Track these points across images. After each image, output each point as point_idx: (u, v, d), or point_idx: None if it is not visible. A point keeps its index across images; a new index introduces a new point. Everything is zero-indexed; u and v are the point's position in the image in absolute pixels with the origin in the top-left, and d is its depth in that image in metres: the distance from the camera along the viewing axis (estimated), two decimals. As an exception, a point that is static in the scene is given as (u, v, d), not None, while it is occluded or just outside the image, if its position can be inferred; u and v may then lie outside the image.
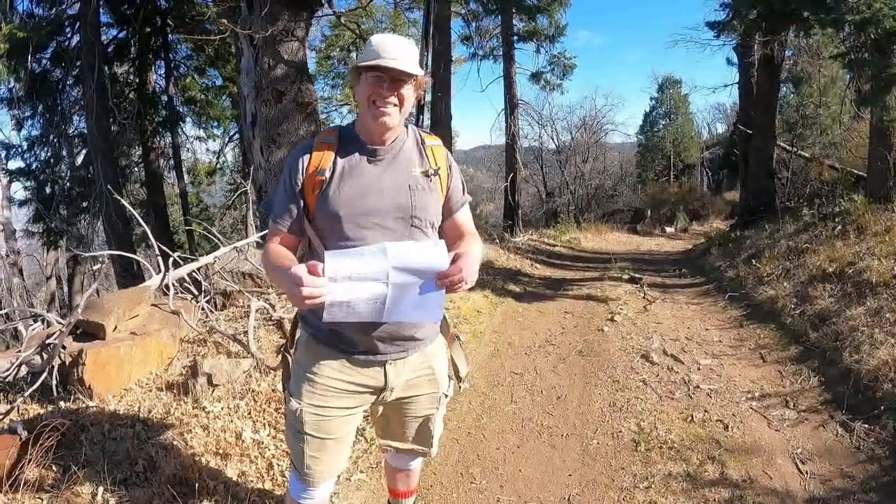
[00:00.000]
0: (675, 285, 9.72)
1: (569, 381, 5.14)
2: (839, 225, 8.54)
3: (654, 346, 6.05)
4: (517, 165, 18.88)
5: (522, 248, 13.22)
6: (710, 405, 4.52)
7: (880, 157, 9.09)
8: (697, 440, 3.91)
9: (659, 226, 22.81)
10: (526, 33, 19.14)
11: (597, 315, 7.44)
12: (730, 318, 7.25)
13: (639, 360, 5.62)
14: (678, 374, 5.22)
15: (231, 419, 3.69)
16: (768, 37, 11.66)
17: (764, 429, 4.07)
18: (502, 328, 6.85)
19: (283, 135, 8.81)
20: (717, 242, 12.86)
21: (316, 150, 1.92)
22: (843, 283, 6.59)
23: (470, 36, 19.46)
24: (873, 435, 3.82)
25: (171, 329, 4.69)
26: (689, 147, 35.85)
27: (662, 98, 36.42)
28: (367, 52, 1.83)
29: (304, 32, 9.09)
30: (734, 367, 5.41)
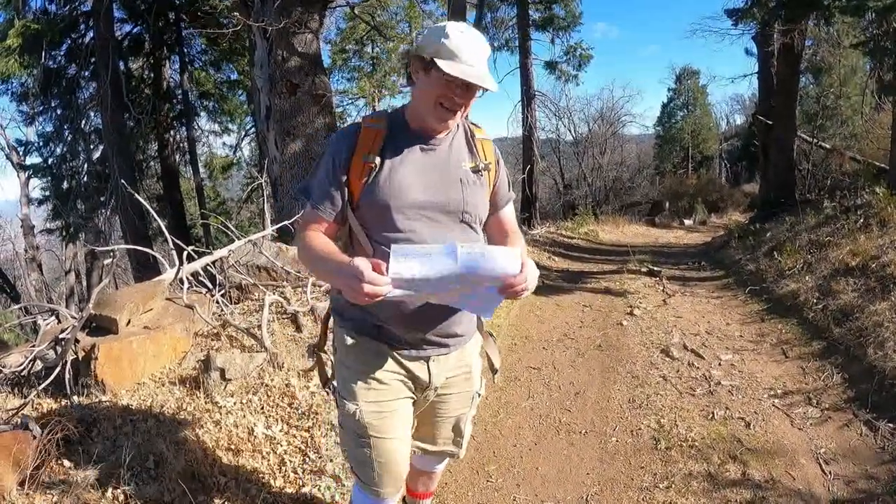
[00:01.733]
0: (694, 278, 9.59)
1: (587, 377, 5.06)
2: (861, 218, 8.38)
3: (674, 340, 5.95)
4: (534, 157, 18.78)
5: (540, 241, 13.13)
6: (732, 402, 4.43)
7: (903, 149, 8.89)
8: (719, 438, 3.83)
9: (677, 218, 22.62)
10: (542, 22, 19.01)
11: (615, 309, 7.35)
12: (750, 312, 7.12)
13: (658, 355, 5.53)
14: (699, 370, 5.13)
15: (244, 414, 3.68)
16: (788, 25, 11.45)
17: (787, 427, 3.97)
18: (519, 322, 6.78)
19: (297, 127, 8.82)
20: (736, 235, 12.69)
21: (363, 133, 1.80)
22: (867, 277, 6.45)
23: (486, 27, 19.37)
24: (899, 435, 3.70)
25: (185, 323, 4.70)
26: (707, 139, 35.52)
27: (680, 89, 36.09)
28: (442, 47, 1.68)
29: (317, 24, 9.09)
30: (756, 363, 5.30)
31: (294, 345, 4.80)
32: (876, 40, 9.10)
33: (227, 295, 5.95)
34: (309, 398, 3.98)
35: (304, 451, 3.47)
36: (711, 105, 38.49)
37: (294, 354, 4.56)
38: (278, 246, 6.75)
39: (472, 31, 1.73)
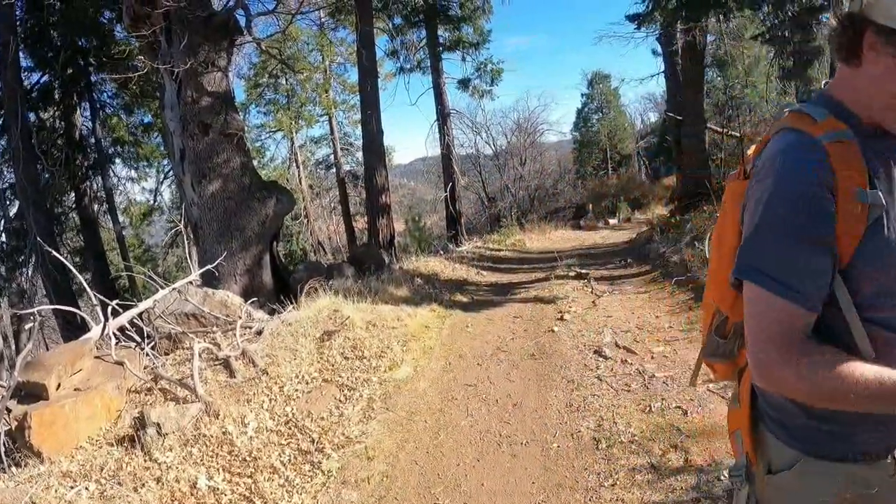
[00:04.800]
0: (622, 276, 9.85)
1: (523, 387, 5.10)
2: (774, 197, 8.82)
3: (606, 340, 6.08)
4: (455, 175, 19.02)
5: (467, 257, 13.20)
6: (668, 393, 4.54)
7: (808, 130, 9.45)
8: (658, 430, 3.91)
9: (602, 218, 23.27)
10: (451, 43, 19.44)
11: (546, 316, 7.45)
12: (678, 302, 7.35)
13: (592, 357, 5.63)
14: (632, 366, 5.24)
15: (184, 468, 3.61)
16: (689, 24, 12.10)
17: (723, 409, 4.08)
18: (452, 341, 6.78)
19: (213, 168, 8.73)
20: (659, 229, 13.18)
21: (834, 157, 1.11)
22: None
23: (396, 50, 19.65)
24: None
25: (117, 380, 4.58)
26: (623, 138, 36.98)
27: (593, 94, 37.42)
28: None
29: (225, 62, 9.08)
30: (688, 352, 5.45)
31: (228, 391, 4.69)
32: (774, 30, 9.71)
33: (156, 347, 5.82)
34: (248, 443, 3.92)
35: (250, 497, 3.42)
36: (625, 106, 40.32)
37: (229, 401, 4.45)
38: (204, 291, 6.66)
39: None
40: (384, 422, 4.58)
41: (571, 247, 15.74)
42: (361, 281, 9.24)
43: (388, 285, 8.86)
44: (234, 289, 8.29)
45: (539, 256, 13.91)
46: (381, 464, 3.94)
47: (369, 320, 6.58)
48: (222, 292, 6.89)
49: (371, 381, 5.25)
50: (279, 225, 9.87)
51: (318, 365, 5.36)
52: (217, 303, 6.42)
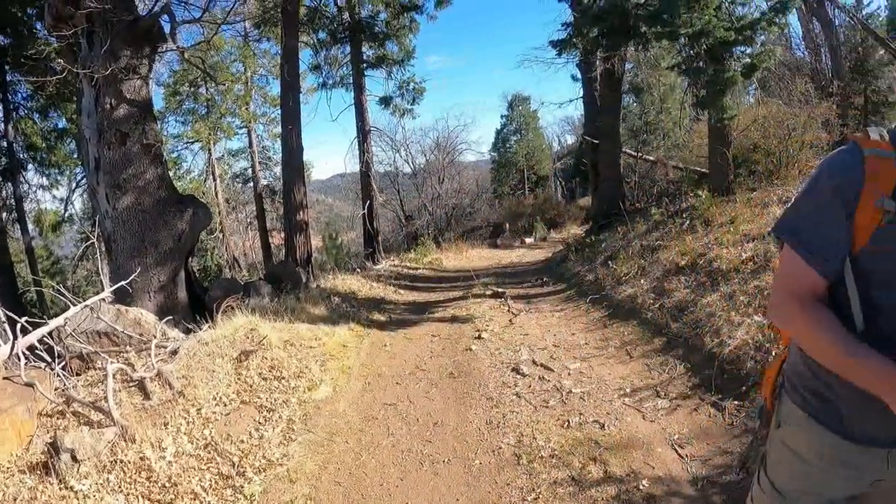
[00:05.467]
0: (538, 295, 10.07)
1: (443, 406, 5.12)
2: (687, 220, 9.31)
3: (524, 357, 6.19)
4: (373, 192, 18.98)
5: (385, 275, 13.16)
6: (585, 408, 4.66)
7: (720, 155, 10.09)
8: (577, 444, 4.01)
9: (518, 237, 23.69)
10: (375, 60, 19.42)
11: (464, 335, 7.51)
12: (593, 320, 7.60)
13: (510, 374, 5.71)
14: (550, 382, 5.36)
15: (101, 496, 3.46)
16: (609, 52, 12.63)
17: (640, 422, 4.26)
18: (371, 360, 6.73)
19: (129, 179, 8.42)
20: (574, 248, 13.54)
21: (873, 166, 1.37)
22: (697, 273, 7.13)
23: (319, 65, 19.46)
24: (744, 410, 4.13)
25: (27, 403, 4.25)
26: (541, 159, 38.00)
27: (513, 115, 38.29)
28: None
29: (147, 70, 8.83)
30: (603, 367, 5.65)
31: (144, 414, 4.45)
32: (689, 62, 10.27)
33: (67, 367, 5.42)
34: (167, 469, 3.77)
35: (173, 524, 3.24)
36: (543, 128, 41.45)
37: (145, 424, 4.23)
38: (117, 308, 6.31)
39: None
40: (305, 443, 4.49)
41: (488, 265, 15.97)
42: (278, 299, 9.06)
43: (305, 304, 8.72)
44: (148, 306, 7.94)
45: (456, 275, 14.02)
46: (304, 486, 3.86)
47: (287, 339, 6.44)
48: (136, 310, 6.58)
49: (290, 402, 5.14)
50: (195, 240, 9.56)
51: (236, 386, 5.18)
52: (131, 321, 6.13)
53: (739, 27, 9.11)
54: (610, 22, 10.15)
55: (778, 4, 9.61)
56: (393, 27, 18.50)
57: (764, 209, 8.01)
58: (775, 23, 9.58)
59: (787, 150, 9.71)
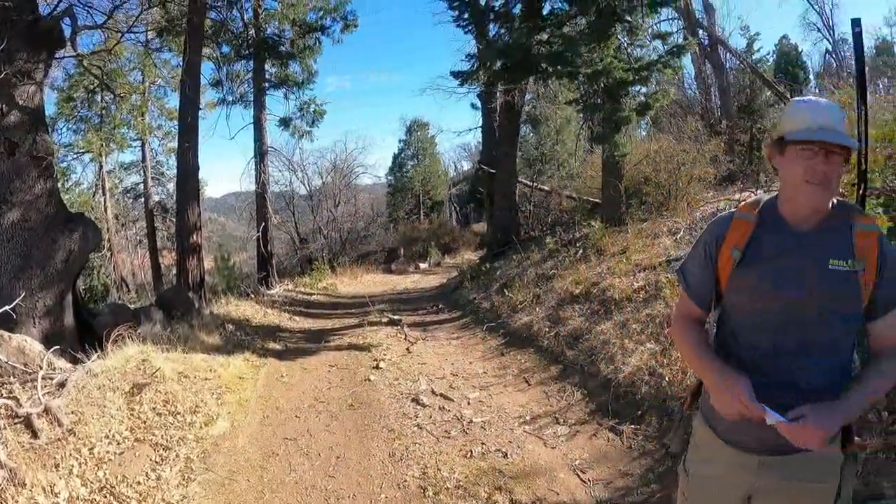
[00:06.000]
0: (434, 322, 10.12)
1: (345, 439, 5.01)
2: (581, 249, 9.68)
3: (423, 387, 6.18)
4: (268, 214, 18.46)
5: (279, 301, 12.82)
6: (487, 437, 4.71)
7: (612, 187, 10.61)
8: (482, 474, 4.03)
9: (413, 263, 23.76)
10: (278, 79, 19.07)
11: (362, 364, 7.41)
12: (490, 348, 7.73)
13: (410, 405, 5.68)
14: (450, 412, 5.37)
15: None
16: (510, 86, 13.03)
17: (541, 449, 4.34)
18: (268, 392, 6.50)
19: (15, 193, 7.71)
20: (469, 275, 13.71)
21: (734, 224, 1.86)
22: (591, 302, 7.41)
23: (220, 81, 18.81)
24: (640, 433, 4.32)
25: None
26: (437, 185, 38.43)
27: (411, 140, 38.62)
28: (790, 123, 1.75)
29: (43, 75, 8.21)
30: (502, 395, 5.73)
31: (33, 454, 4.05)
32: (587, 98, 10.78)
33: None
34: None
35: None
36: (440, 154, 42.02)
37: (35, 466, 3.86)
38: None
39: (814, 98, 1.81)
40: (205, 483, 4.25)
41: (383, 291, 15.91)
42: (171, 327, 8.58)
43: (199, 332, 8.33)
44: (33, 333, 7.24)
45: (351, 301, 13.88)
46: (207, 530, 3.65)
47: (181, 371, 6.11)
48: (20, 337, 6.01)
49: (187, 439, 4.86)
50: (85, 262, 8.90)
51: (130, 422, 4.84)
52: (14, 349, 5.60)
53: (637, 68, 9.70)
54: (513, 57, 10.48)
55: (674, 48, 10.37)
56: (298, 47, 18.27)
57: (654, 240, 8.46)
58: (671, 65, 10.31)
59: (677, 183, 10.33)
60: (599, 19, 9.67)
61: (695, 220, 8.73)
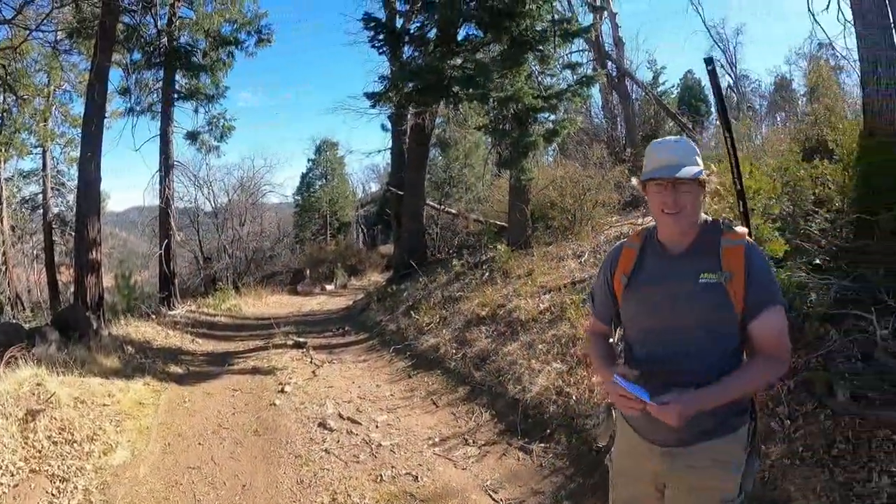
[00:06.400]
0: (340, 345, 9.96)
1: (251, 467, 4.81)
2: (487, 272, 9.79)
3: (329, 411, 6.03)
4: (171, 231, 17.62)
5: (182, 322, 12.24)
6: (396, 460, 4.64)
7: (519, 210, 10.83)
8: (393, 498, 3.97)
9: (319, 284, 23.37)
10: (188, 91, 18.33)
11: (267, 388, 7.16)
12: (397, 370, 7.67)
13: (317, 430, 5.53)
14: (358, 436, 5.27)
15: None
16: (421, 108, 13.11)
17: (452, 471, 4.32)
18: (170, 418, 6.15)
19: None
20: (376, 297, 13.63)
21: (623, 254, 2.18)
22: (497, 323, 7.51)
23: (129, 89, 17.85)
24: (550, 451, 4.39)
25: None
26: (344, 206, 38.08)
27: (320, 160, 38.13)
28: (648, 161, 2.06)
29: None
30: (410, 418, 5.68)
31: None
32: (496, 123, 10.99)
33: None
34: None
35: None
36: (349, 174, 41.79)
37: None
38: None
39: (668, 139, 2.12)
40: None
41: (289, 313, 15.56)
42: (67, 349, 8.02)
43: (97, 354, 7.81)
44: None
45: (256, 323, 13.46)
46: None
47: (77, 396, 5.67)
48: None
49: (86, 470, 4.50)
50: None
51: (24, 451, 4.42)
52: None
53: (546, 96, 10.01)
54: (426, 79, 10.58)
55: (584, 78, 10.78)
56: (210, 59, 17.69)
57: (560, 262, 8.68)
58: (579, 94, 10.71)
59: (582, 208, 10.67)
60: (513, 47, 9.95)
61: (599, 244, 9.04)
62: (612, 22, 21.12)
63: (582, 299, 6.71)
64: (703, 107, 34.01)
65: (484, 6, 10.00)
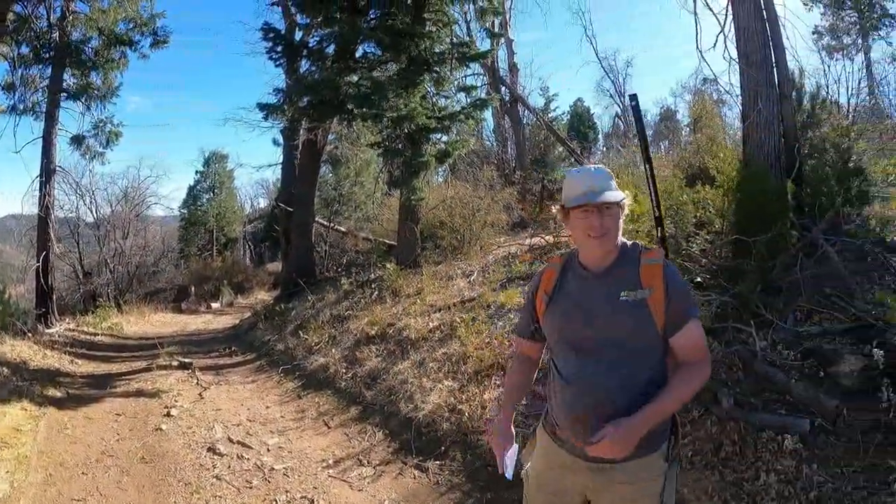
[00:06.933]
0: (227, 365, 9.65)
1: (138, 497, 4.56)
2: (376, 291, 9.81)
3: (218, 435, 5.84)
4: (50, 242, 16.32)
5: (60, 342, 11.42)
6: (290, 484, 4.56)
7: (408, 230, 10.93)
8: (288, 523, 3.87)
9: (204, 302, 22.55)
10: (77, 90, 17.04)
11: (152, 412, 6.81)
12: (287, 391, 7.52)
13: (206, 455, 5.33)
14: (250, 461, 5.13)
15: None
16: (315, 123, 12.97)
17: (348, 492, 4.30)
18: (50, 446, 5.72)
19: None
20: (263, 316, 13.32)
21: (545, 275, 2.27)
22: (387, 342, 7.55)
23: (14, 84, 16.33)
24: (446, 468, 4.46)
25: None
26: (232, 221, 36.71)
27: (208, 172, 36.66)
28: (568, 190, 2.12)
29: None
30: (302, 440, 5.59)
31: None
32: (389, 142, 11.05)
33: None
34: None
35: None
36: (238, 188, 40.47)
37: None
38: None
39: (587, 167, 2.20)
40: None
41: (173, 332, 14.88)
42: None
43: (-31, 377, 7.15)
44: None
45: (139, 343, 12.76)
46: None
47: None
48: None
49: None
50: None
51: None
52: None
53: (440, 116, 10.19)
54: (322, 94, 10.49)
55: (478, 101, 11.05)
56: (103, 57, 16.58)
57: (449, 281, 8.83)
58: (473, 116, 10.98)
59: (471, 228, 10.92)
60: (410, 67, 10.11)
61: (487, 263, 9.28)
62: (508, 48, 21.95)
63: (472, 318, 6.89)
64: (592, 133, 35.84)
65: (385, 25, 10.11)
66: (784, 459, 3.35)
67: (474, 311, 7.23)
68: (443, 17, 10.83)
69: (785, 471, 3.30)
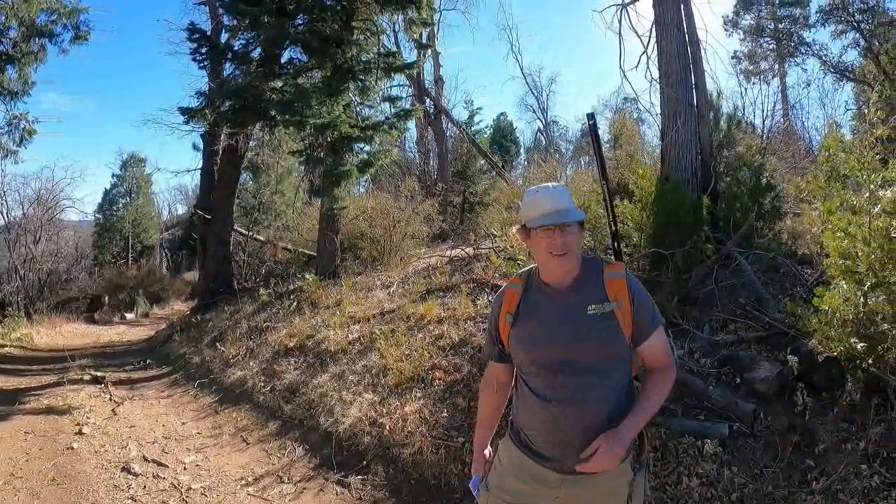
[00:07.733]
0: (141, 379, 9.30)
1: (50, 521, 4.30)
2: (295, 302, 9.68)
3: (133, 454, 5.62)
4: (-42, 247, 15.30)
5: (-34, 354, 10.70)
6: (209, 504, 4.42)
7: (329, 240, 10.84)
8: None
9: (118, 312, 21.55)
10: None
11: (63, 430, 6.47)
12: (203, 406, 7.32)
13: (121, 475, 5.12)
14: (166, 480, 4.96)
15: None
16: (236, 129, 12.67)
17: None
18: (-46, 467, 5.33)
19: None
20: (179, 327, 12.92)
21: (507, 296, 2.24)
22: (306, 355, 7.46)
23: None
24: (368, 483, 4.43)
25: None
26: (148, 227, 35.26)
27: (125, 176, 35.06)
28: (529, 211, 2.12)
29: None
30: (220, 457, 5.45)
31: None
32: (310, 150, 10.90)
33: None
34: None
35: None
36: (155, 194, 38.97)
37: None
38: None
39: (544, 186, 2.17)
40: None
41: (86, 344, 14.19)
42: None
43: None
44: None
45: (50, 355, 12.08)
46: None
47: None
48: None
49: None
50: None
51: None
52: None
53: (363, 126, 10.15)
54: (244, 99, 10.30)
55: (402, 112, 11.06)
56: (20, 50, 15.53)
57: (369, 293, 8.80)
58: (396, 127, 10.99)
59: (392, 239, 10.91)
60: (335, 75, 10.03)
61: (408, 275, 9.29)
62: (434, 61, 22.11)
63: (391, 330, 6.88)
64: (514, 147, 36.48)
65: (313, 30, 10.02)
66: (705, 463, 3.50)
67: (394, 322, 7.24)
68: (371, 25, 10.83)
69: (706, 474, 3.44)
